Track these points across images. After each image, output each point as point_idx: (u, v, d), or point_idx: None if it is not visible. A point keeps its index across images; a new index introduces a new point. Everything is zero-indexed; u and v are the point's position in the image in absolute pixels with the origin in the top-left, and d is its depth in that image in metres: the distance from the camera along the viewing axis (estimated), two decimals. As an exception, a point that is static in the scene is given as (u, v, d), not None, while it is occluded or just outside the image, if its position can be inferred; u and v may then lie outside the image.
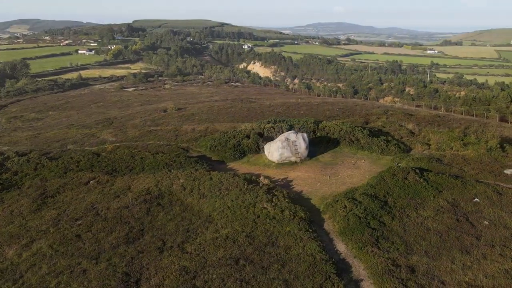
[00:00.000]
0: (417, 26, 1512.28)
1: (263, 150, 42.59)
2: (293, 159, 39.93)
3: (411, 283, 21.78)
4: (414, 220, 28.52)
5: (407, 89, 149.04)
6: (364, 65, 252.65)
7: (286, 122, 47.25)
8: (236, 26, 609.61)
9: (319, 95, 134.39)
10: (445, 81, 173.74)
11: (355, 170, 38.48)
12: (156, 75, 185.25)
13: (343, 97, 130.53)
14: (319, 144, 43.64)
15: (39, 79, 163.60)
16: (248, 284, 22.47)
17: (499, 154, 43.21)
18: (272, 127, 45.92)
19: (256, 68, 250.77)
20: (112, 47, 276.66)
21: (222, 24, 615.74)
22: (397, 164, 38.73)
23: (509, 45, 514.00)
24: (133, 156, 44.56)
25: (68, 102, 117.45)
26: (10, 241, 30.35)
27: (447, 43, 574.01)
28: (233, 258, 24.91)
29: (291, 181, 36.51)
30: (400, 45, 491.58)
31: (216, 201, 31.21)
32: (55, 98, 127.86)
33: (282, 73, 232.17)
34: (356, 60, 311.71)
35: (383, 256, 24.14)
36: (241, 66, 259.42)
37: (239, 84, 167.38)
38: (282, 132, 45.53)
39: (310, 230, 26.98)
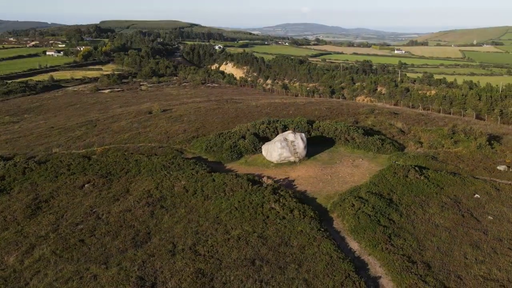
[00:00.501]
0: (384, 26, 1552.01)
1: (260, 151, 42.48)
2: (292, 159, 39.99)
3: (429, 278, 22.11)
4: (421, 217, 28.99)
5: (379, 89, 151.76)
6: (336, 65, 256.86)
7: (280, 122, 47.27)
8: (206, 27, 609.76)
9: (296, 95, 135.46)
10: (415, 80, 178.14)
11: (354, 169, 38.86)
12: (130, 77, 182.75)
13: (320, 96, 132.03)
14: (315, 144, 43.85)
15: (9, 81, 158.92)
16: (268, 284, 22.35)
17: (489, 151, 44.46)
18: (267, 127, 45.89)
19: (229, 68, 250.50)
20: (82, 48, 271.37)
21: (192, 25, 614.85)
22: (395, 162, 39.31)
23: (472, 45, 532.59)
24: (127, 158, 43.73)
25: (43, 105, 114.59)
26: (8, 248, 29.35)
27: (413, 43, 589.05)
28: (248, 259, 24.73)
29: (293, 181, 36.55)
30: (368, 46, 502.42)
31: (222, 203, 30.93)
32: (28, 100, 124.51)
33: (255, 74, 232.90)
34: (327, 60, 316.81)
35: (397, 253, 24.42)
36: (213, 67, 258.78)
37: (216, 85, 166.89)
38: (277, 133, 45.57)
39: (322, 229, 27.06)
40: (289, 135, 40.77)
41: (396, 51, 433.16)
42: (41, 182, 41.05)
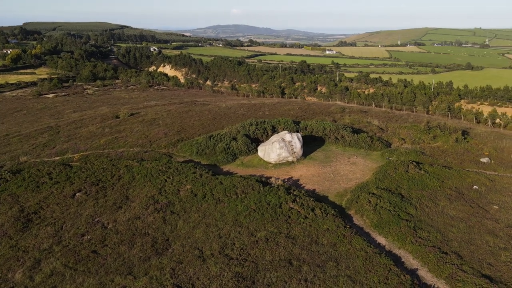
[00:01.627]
0: (312, 27, 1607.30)
1: (254, 152, 42.32)
2: (290, 159, 40.17)
3: (465, 267, 23.07)
4: (434, 209, 30.19)
5: (319, 88, 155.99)
6: (275, 66, 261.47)
7: (268, 123, 47.30)
8: (138, 29, 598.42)
9: (247, 96, 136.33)
10: (352, 80, 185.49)
11: (352, 166, 39.70)
12: (70, 80, 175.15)
13: (272, 97, 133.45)
14: (306, 143, 44.23)
15: None
16: (313, 283, 22.32)
17: (467, 144, 47.14)
18: (256, 128, 45.74)
19: (167, 70, 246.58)
20: (9, 51, 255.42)
21: (122, 27, 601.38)
22: (388, 158, 40.64)
23: (397, 45, 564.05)
24: (115, 165, 41.93)
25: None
26: (8, 264, 27.35)
27: (342, 43, 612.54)
28: (283, 260, 24.57)
29: (298, 180, 36.71)
30: (300, 46, 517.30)
31: (237, 205, 30.48)
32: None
33: (194, 75, 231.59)
34: (262, 61, 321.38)
35: (427, 245, 25.28)
36: (151, 69, 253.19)
37: (163, 87, 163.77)
38: (267, 134, 45.59)
39: (348, 226, 27.41)
40: (286, 135, 40.91)
41: (327, 52, 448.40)
42: (22, 193, 38.44)
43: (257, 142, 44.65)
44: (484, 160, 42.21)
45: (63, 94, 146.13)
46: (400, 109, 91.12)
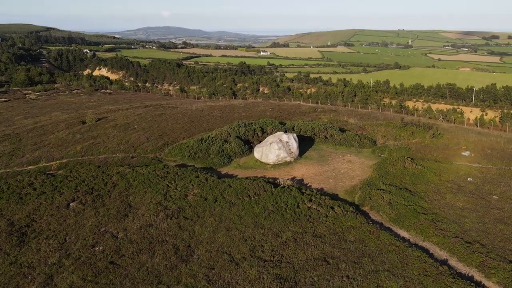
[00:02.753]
0: (244, 29, 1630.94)
1: (247, 153, 42.14)
2: (288, 159, 40.36)
3: (492, 255, 24.33)
4: (442, 202, 31.56)
5: (261, 89, 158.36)
6: (214, 67, 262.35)
7: (256, 125, 47.24)
8: (65, 31, 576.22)
9: (198, 98, 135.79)
10: (293, 80, 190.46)
11: (350, 164, 40.56)
12: (6, 85, 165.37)
13: (225, 98, 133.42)
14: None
15: None
16: (356, 280, 22.61)
17: (443, 140, 49.68)
18: (246, 130, 45.53)
19: (103, 73, 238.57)
20: None
21: (48, 29, 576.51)
22: (380, 155, 41.94)
23: (328, 46, 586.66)
24: (105, 172, 40.18)
25: None
26: (14, 281, 25.60)
27: (276, 45, 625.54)
28: (318, 258, 24.70)
29: (302, 180, 36.95)
30: (235, 48, 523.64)
31: (253, 207, 30.22)
32: None
33: (132, 78, 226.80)
34: (199, 62, 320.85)
35: (450, 236, 26.39)
36: (85, 73, 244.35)
37: (110, 91, 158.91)
38: (257, 135, 45.54)
39: (370, 223, 28.00)
40: (283, 136, 41.06)
41: (262, 53, 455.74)
42: (4, 206, 35.93)
43: (248, 143, 44.43)
44: (465, 153, 44.65)
45: (3, 99, 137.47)
46: (345, 106, 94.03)
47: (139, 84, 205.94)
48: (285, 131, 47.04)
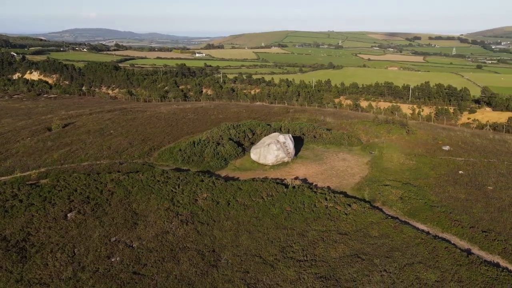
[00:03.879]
0: (176, 31, 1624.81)
1: (242, 155, 41.95)
2: (286, 159, 40.56)
3: (511, 242, 25.87)
4: (445, 194, 33.04)
5: (204, 90, 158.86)
6: (154, 70, 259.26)
7: (245, 126, 47.07)
8: None
9: (150, 101, 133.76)
10: (235, 81, 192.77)
11: (345, 162, 41.40)
12: None
13: (178, 101, 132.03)
14: (287, 144, 44.99)
15: None
16: (394, 274, 23.17)
17: (419, 135, 52.03)
18: (237, 132, 45.24)
19: (34, 77, 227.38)
20: None
21: None
22: (371, 152, 43.19)
23: (262, 47, 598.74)
24: (97, 180, 38.44)
25: None
26: None
27: (210, 46, 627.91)
28: (351, 255, 25.07)
29: (306, 179, 37.20)
30: (169, 50, 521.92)
31: (270, 208, 30.14)
32: None
33: (66, 82, 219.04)
34: (135, 65, 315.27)
35: (466, 227, 27.72)
36: (15, 77, 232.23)
37: (54, 95, 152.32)
38: (248, 137, 45.40)
39: (390, 217, 28.79)
40: (280, 136, 41.19)
41: (197, 54, 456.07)
42: (-12, 219, 33.45)
43: (240, 145, 44.18)
44: (446, 148, 47.01)
45: None
46: (301, 105, 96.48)
47: (83, 88, 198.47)
48: (274, 132, 47.18)
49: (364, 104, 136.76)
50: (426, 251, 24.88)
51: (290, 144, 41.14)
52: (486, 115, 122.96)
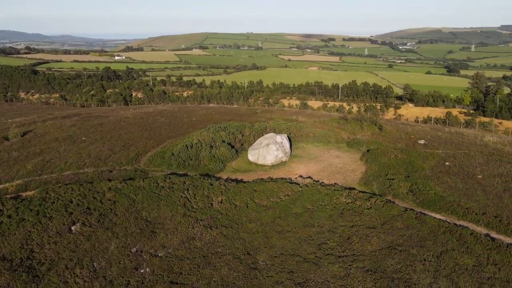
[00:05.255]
0: (90, 33, 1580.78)
1: (236, 157, 41.74)
2: (284, 159, 40.83)
3: (521, 225, 28.04)
4: (447, 184, 35.03)
5: (134, 94, 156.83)
6: (76, 73, 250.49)
7: (233, 128, 46.78)
8: None
9: (83, 106, 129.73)
10: (165, 83, 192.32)
11: (340, 159, 42.40)
12: None
13: (121, 105, 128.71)
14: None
15: None
16: (435, 262, 24.29)
17: (390, 131, 54.67)
18: (227, 133, 44.86)
19: None
20: None
21: None
22: (359, 149, 44.70)
23: (183, 49, 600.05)
24: (92, 189, 36.51)
25: None
26: None
27: (129, 49, 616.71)
28: (386, 247, 25.90)
29: (310, 177, 37.58)
30: (86, 52, 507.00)
31: (291, 208, 30.33)
32: None
33: None
34: (52, 69, 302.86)
35: (479, 213, 29.63)
36: None
37: None
38: (238, 138, 45.21)
39: (409, 209, 30.04)
40: (277, 137, 41.36)
41: (117, 57, 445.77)
42: (-21, 238, 30.84)
43: (231, 147, 43.87)
44: (421, 142, 49.74)
45: None
46: (249, 105, 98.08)
47: (8, 94, 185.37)
48: (262, 132, 47.30)
49: (294, 102, 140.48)
50: (454, 238, 26.26)
51: (287, 144, 41.50)
52: (410, 110, 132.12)
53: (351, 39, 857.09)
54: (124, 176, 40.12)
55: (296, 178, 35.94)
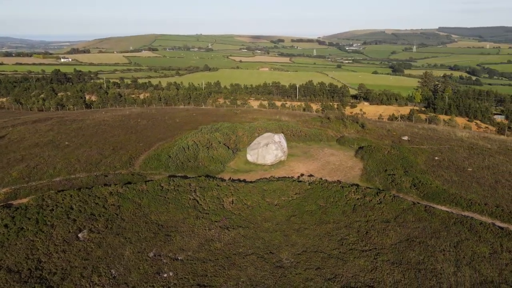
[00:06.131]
0: (31, 35, 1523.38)
1: (233, 158, 41.78)
2: (283, 158, 41.16)
3: (521, 213, 29.77)
4: (444, 178, 36.57)
5: (87, 97, 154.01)
6: (23, 77, 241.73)
7: (227, 129, 46.70)
8: None
9: (40, 110, 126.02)
10: (120, 86, 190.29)
11: (336, 156, 43.19)
12: None
13: (83, 108, 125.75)
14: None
15: None
16: (453, 251, 25.40)
17: (372, 128, 56.34)
18: (222, 134, 44.72)
19: None
20: None
21: None
22: (350, 146, 45.78)
23: (131, 51, 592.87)
24: (91, 195, 35.53)
25: None
26: None
27: (75, 51, 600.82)
28: (405, 240, 26.80)
29: (312, 175, 38.13)
30: (29, 55, 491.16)
31: (304, 206, 30.75)
32: None
33: None
34: None
35: (481, 203, 31.17)
36: None
37: None
38: (232, 139, 45.19)
39: (417, 203, 31.13)
40: (275, 136, 41.62)
41: (62, 60, 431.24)
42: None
43: (226, 148, 43.80)
44: (405, 138, 51.55)
45: None
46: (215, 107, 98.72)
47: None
48: (255, 132, 47.45)
49: (254, 103, 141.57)
50: (465, 228, 27.52)
51: (284, 143, 41.89)
52: (366, 108, 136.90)
53: (300, 40, 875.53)
54: (121, 180, 39.16)
55: (298, 176, 36.33)
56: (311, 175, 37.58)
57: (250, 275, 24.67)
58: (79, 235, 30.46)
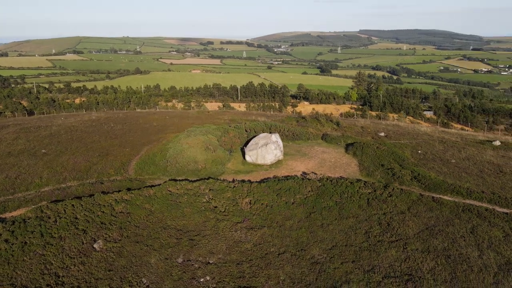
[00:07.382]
0: None
1: (230, 159, 41.89)
2: (281, 157, 41.69)
3: (518, 198, 32.52)
4: (436, 169, 38.90)
5: (16, 101, 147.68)
6: None
7: (220, 130, 46.56)
8: None
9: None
10: (51, 91, 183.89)
11: (329, 154, 44.35)
12: None
13: (2, 115, 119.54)
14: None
15: None
16: (472, 236, 27.31)
17: (348, 127, 58.57)
18: (215, 136, 44.51)
19: None
20: None
21: None
22: (338, 143, 47.34)
23: (54, 54, 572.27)
24: (94, 203, 34.27)
25: None
26: None
27: None
28: (425, 229, 28.40)
29: (313, 172, 39.04)
30: None
31: (320, 202, 31.60)
32: None
33: None
34: None
35: (479, 191, 33.60)
36: None
37: None
38: (223, 140, 45.15)
39: (424, 195, 32.95)
40: (272, 136, 42.01)
41: None
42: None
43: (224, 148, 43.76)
44: (382, 134, 54.02)
45: None
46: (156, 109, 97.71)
47: None
48: (246, 131, 47.66)
49: (209, 105, 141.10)
50: (474, 215, 29.62)
51: (281, 143, 42.45)
52: (306, 108, 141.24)
53: (229, 42, 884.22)
54: (119, 187, 37.93)
55: (302, 174, 37.05)
56: (312, 173, 38.44)
57: (289, 273, 25.05)
58: (95, 245, 29.29)
